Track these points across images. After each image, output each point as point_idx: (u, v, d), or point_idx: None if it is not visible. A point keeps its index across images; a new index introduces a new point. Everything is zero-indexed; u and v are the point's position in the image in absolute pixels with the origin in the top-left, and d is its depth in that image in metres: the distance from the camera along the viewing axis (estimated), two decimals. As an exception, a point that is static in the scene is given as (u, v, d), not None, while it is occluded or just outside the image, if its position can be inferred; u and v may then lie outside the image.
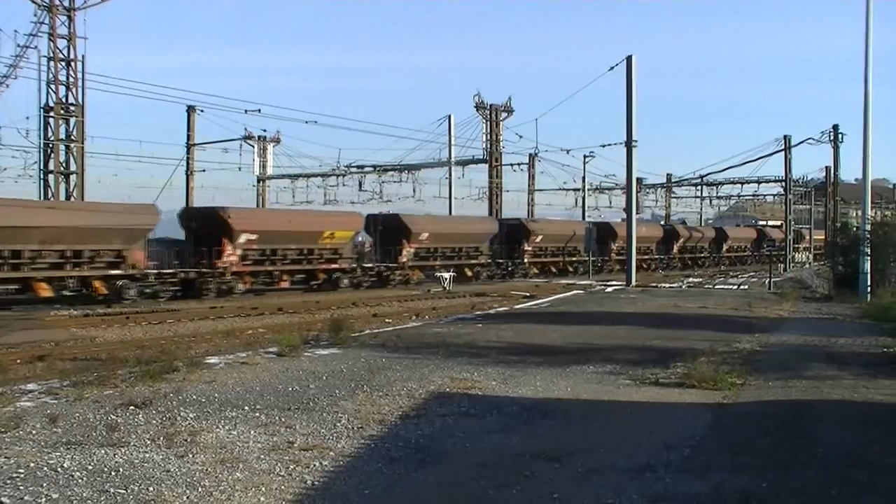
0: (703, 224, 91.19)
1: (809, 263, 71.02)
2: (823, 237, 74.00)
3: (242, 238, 36.78)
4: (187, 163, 56.83)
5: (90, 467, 7.81)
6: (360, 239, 45.40)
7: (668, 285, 43.66)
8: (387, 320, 25.80)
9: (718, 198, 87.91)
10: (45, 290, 29.84)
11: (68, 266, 30.89)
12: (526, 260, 55.75)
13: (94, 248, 31.60)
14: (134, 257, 32.81)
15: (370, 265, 43.72)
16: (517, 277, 52.91)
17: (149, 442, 8.81)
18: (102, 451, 8.36)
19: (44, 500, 6.90)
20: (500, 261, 53.23)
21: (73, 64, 40.86)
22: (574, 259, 59.29)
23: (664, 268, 69.26)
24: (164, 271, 34.23)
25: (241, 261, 37.06)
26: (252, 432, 9.38)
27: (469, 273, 48.53)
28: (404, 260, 45.20)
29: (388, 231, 44.41)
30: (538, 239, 56.80)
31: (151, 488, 7.23)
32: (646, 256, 66.13)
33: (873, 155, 31.99)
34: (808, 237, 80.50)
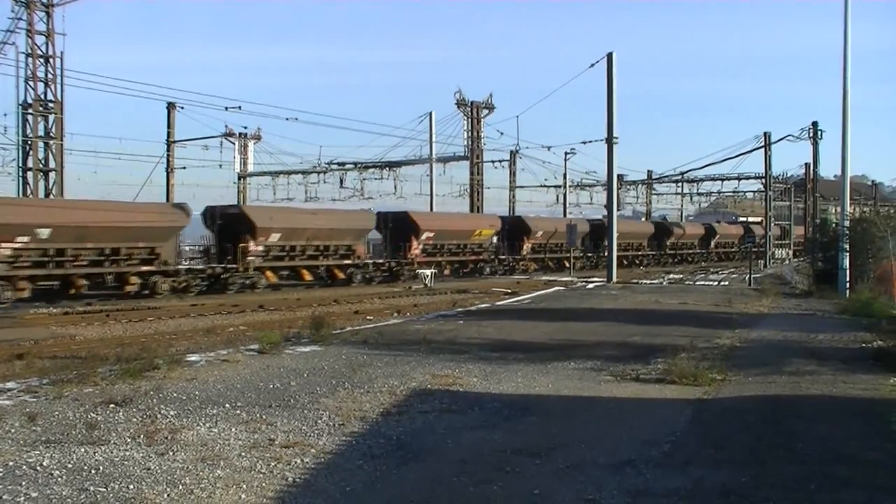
0: (683, 220, 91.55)
1: (789, 259, 71.44)
2: (803, 233, 74.89)
3: (268, 236, 39.16)
4: (167, 160, 56.50)
5: (70, 466, 7.78)
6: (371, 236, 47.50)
7: (648, 281, 43.82)
8: (368, 317, 25.77)
9: (699, 194, 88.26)
10: (82, 286, 32.27)
11: (107, 263, 32.97)
12: (526, 255, 57.63)
13: (131, 245, 33.69)
14: (167, 254, 34.97)
15: (382, 261, 45.82)
16: (517, 273, 54.39)
17: (129, 440, 8.78)
18: (82, 450, 8.32)
19: (23, 499, 6.86)
20: (503, 257, 55.13)
21: (51, 60, 40.65)
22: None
23: (656, 264, 70.76)
24: (194, 267, 37.03)
25: (265, 257, 39.23)
26: (233, 430, 9.36)
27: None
28: (413, 255, 47.07)
29: (398, 228, 46.51)
30: (538, 234, 58.87)
31: (132, 486, 7.20)
32: (638, 253, 69.19)
33: (852, 152, 32.16)
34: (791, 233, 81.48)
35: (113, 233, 32.60)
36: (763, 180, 67.72)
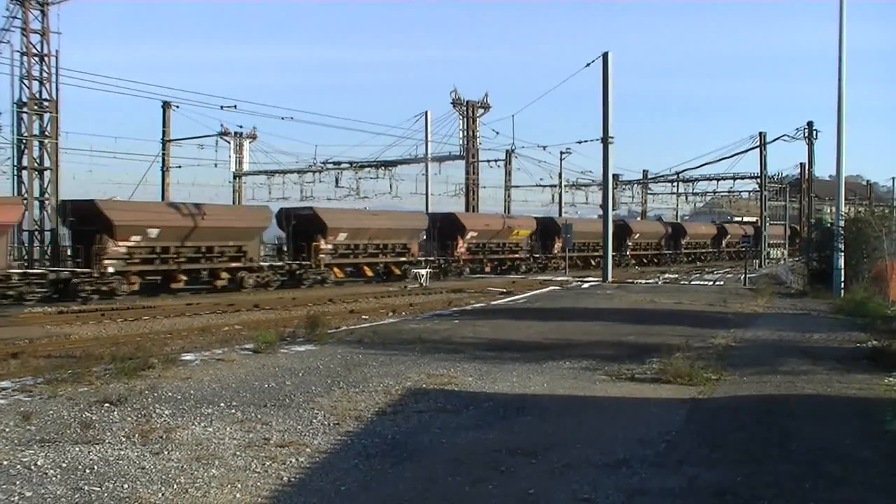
0: (678, 220, 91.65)
1: (784, 259, 71.53)
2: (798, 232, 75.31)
3: (337, 235, 42.57)
4: (163, 159, 56.39)
5: (64, 465, 7.77)
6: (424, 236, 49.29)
7: (643, 281, 43.85)
8: (363, 317, 25.77)
9: (694, 194, 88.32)
10: (181, 281, 35.68)
11: (202, 260, 36.66)
12: (557, 254, 60.21)
13: (223, 244, 37.34)
14: (252, 251, 38.53)
15: (433, 258, 48.69)
16: (548, 271, 56.35)
17: (124, 439, 8.77)
18: (77, 449, 8.31)
19: (17, 498, 6.85)
20: (537, 255, 57.75)
21: (46, 59, 40.40)
22: (597, 254, 61.17)
23: (671, 262, 73.94)
24: (275, 264, 40.03)
25: (333, 255, 42.58)
26: (228, 429, 9.35)
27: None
28: (459, 253, 51.18)
29: (445, 228, 50.01)
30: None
31: (126, 485, 7.20)
32: (656, 252, 74.28)
33: (847, 152, 32.23)
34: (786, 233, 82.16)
35: (209, 233, 36.19)
36: (758, 180, 67.79)
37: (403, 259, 46.93)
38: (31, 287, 29.82)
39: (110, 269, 32.35)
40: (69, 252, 34.45)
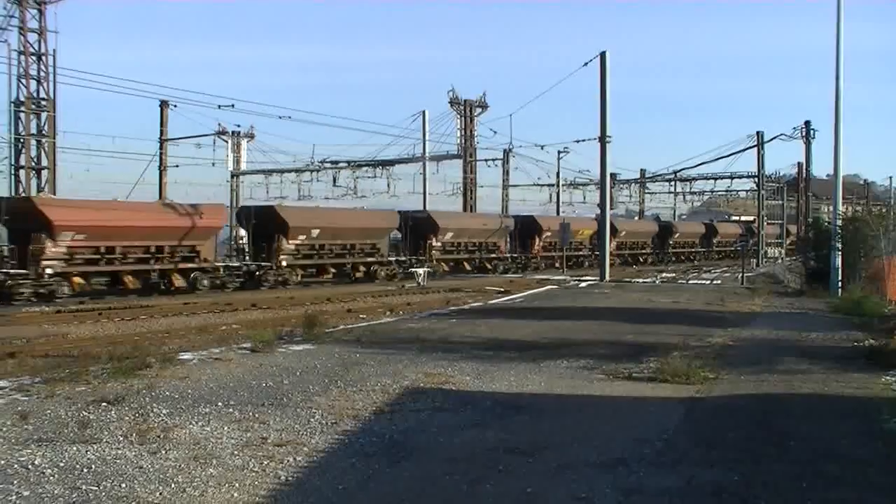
0: (676, 219, 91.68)
1: (782, 259, 71.59)
2: (796, 232, 75.42)
3: (445, 234, 48.96)
4: (160, 158, 56.27)
5: (62, 464, 7.76)
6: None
7: (641, 280, 43.84)
8: (361, 316, 25.74)
9: (692, 193, 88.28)
10: (331, 273, 42.13)
11: (347, 255, 43.26)
12: (613, 252, 62.69)
13: (363, 242, 44.21)
14: (384, 248, 45.11)
15: (517, 255, 55.84)
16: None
17: (121, 438, 8.77)
18: (74, 448, 8.31)
19: (14, 497, 6.84)
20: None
21: (43, 58, 40.49)
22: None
23: (705, 258, 78.13)
24: (400, 259, 46.06)
25: (441, 251, 49.28)
26: (225, 428, 9.35)
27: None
28: (537, 251, 57.44)
29: (525, 228, 55.94)
30: (622, 234, 67.48)
31: (124, 485, 7.20)
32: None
33: (845, 151, 32.24)
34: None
35: (354, 233, 43.41)
36: (756, 179, 67.83)
37: (494, 256, 52.69)
38: (232, 276, 37.40)
39: (283, 263, 39.39)
40: (247, 249, 40.11)
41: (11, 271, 30.26)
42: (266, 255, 38.93)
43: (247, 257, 39.76)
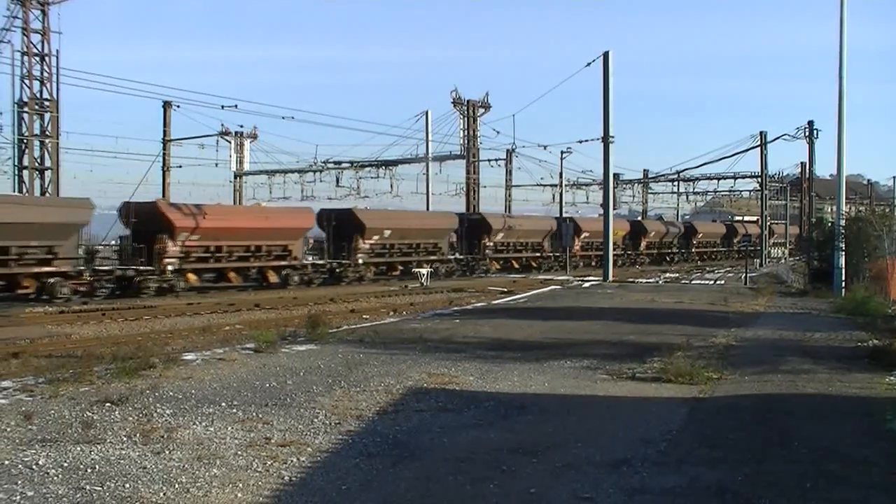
0: (679, 220, 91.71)
1: (785, 258, 71.55)
2: (798, 232, 75.40)
3: (498, 234, 53.53)
4: (163, 159, 56.38)
5: (65, 464, 7.77)
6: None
7: (644, 280, 43.84)
8: (364, 316, 25.77)
9: (695, 193, 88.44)
10: (399, 272, 46.27)
11: (413, 254, 47.08)
12: (643, 251, 70.67)
13: (426, 241, 48.36)
14: (445, 247, 48.79)
15: (558, 254, 58.17)
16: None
17: (125, 439, 8.77)
18: (78, 448, 8.32)
19: (19, 497, 6.85)
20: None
21: (47, 59, 40.53)
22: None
23: (725, 257, 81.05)
24: (458, 257, 50.84)
25: (494, 249, 53.46)
26: (229, 428, 9.36)
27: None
28: (576, 251, 59.72)
29: (565, 229, 55.95)
30: (651, 234, 71.80)
31: (128, 485, 7.20)
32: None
33: (848, 151, 32.27)
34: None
35: (420, 233, 47.47)
36: (759, 179, 67.78)
37: (538, 254, 55.99)
38: (318, 273, 40.96)
39: (360, 261, 42.96)
40: (329, 248, 42.41)
41: (141, 268, 33.50)
42: (346, 254, 42.37)
43: (323, 256, 42.93)
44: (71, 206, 32.84)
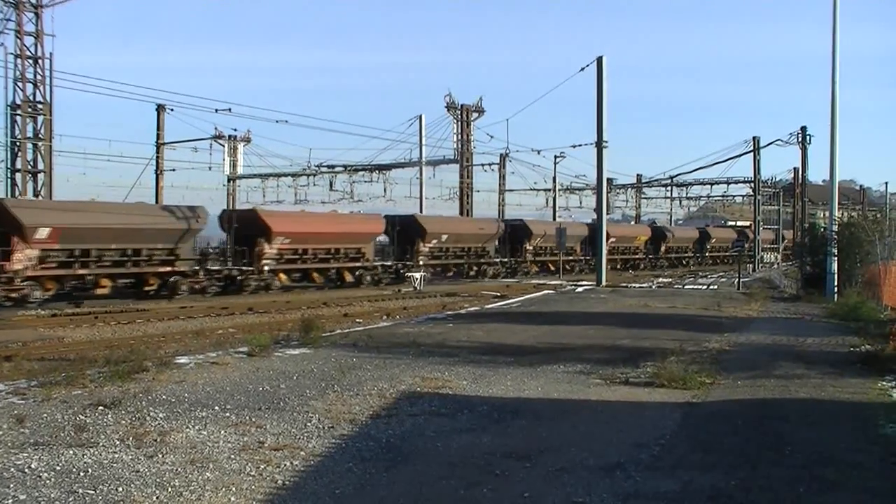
0: (672, 224, 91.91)
1: (778, 264, 71.65)
2: (792, 237, 75.59)
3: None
4: (157, 162, 56.23)
5: (58, 468, 7.75)
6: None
7: (637, 285, 43.85)
8: (357, 320, 25.76)
9: (688, 198, 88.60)
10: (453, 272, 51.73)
11: (464, 257, 52.38)
12: (663, 255, 74.38)
13: (475, 245, 53.41)
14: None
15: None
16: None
17: (118, 442, 8.75)
18: (71, 452, 8.30)
19: (10, 501, 6.83)
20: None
21: (40, 61, 40.51)
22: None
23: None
24: (495, 260, 54.88)
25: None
26: (222, 432, 9.34)
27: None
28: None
29: (592, 235, 56.84)
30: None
31: (120, 489, 7.19)
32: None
33: (840, 156, 32.29)
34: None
35: (471, 238, 52.67)
36: (752, 184, 67.89)
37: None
38: (387, 273, 45.04)
39: (420, 262, 46.97)
40: (395, 250, 46.56)
41: (244, 268, 37.87)
42: (409, 256, 46.92)
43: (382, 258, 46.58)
44: (190, 213, 36.36)
